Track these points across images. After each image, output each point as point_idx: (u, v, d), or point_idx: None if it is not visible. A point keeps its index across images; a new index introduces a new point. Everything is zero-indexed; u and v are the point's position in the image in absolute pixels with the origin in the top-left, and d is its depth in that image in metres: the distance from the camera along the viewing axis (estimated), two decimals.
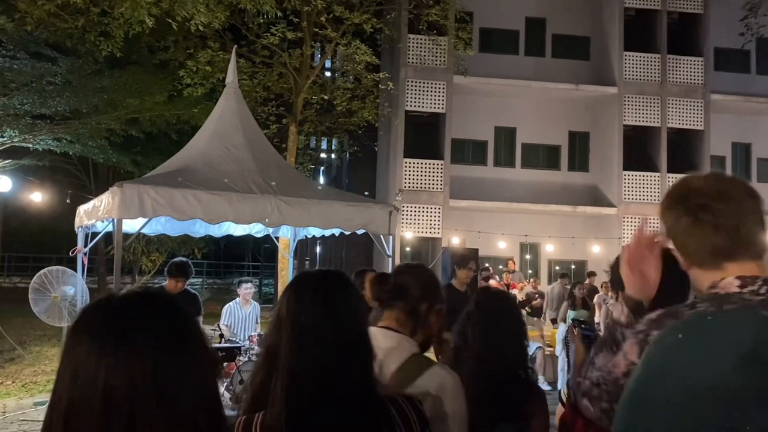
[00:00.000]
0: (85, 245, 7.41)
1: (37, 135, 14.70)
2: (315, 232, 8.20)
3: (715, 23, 18.83)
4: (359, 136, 17.12)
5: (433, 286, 2.09)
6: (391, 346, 1.84)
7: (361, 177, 22.79)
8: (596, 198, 19.12)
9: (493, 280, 11.64)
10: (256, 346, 6.32)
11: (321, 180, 28.08)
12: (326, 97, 15.47)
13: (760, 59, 20.53)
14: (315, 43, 15.35)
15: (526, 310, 11.19)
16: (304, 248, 25.69)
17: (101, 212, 6.29)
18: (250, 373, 1.52)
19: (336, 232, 7.50)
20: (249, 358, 6.32)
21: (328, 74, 18.96)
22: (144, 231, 7.25)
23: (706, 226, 1.27)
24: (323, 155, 27.14)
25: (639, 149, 18.91)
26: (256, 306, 7.52)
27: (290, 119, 14.16)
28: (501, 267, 16.20)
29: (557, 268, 18.89)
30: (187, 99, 14.47)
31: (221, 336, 6.79)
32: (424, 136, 18.15)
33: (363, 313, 1.50)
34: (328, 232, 7.80)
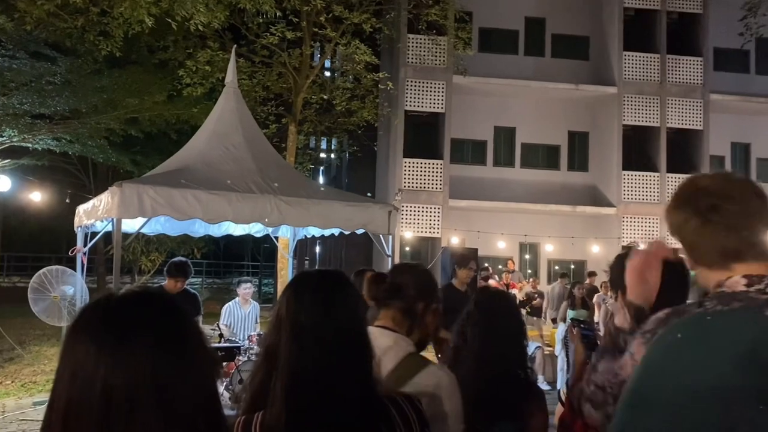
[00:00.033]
0: (85, 245, 7.42)
1: (37, 134, 14.70)
2: (314, 231, 8.20)
3: (715, 23, 18.83)
4: (359, 135, 17.12)
5: (430, 286, 2.09)
6: (387, 345, 1.84)
7: (360, 177, 22.78)
8: (595, 198, 19.12)
9: (493, 279, 11.65)
10: (256, 346, 6.32)
11: (320, 180, 28.07)
12: (326, 97, 15.46)
13: (760, 59, 20.53)
14: (314, 42, 15.34)
15: (525, 310, 11.20)
16: (303, 248, 25.68)
17: (100, 212, 6.28)
18: (250, 373, 1.52)
19: (335, 231, 7.50)
20: (248, 357, 6.33)
21: (327, 74, 18.94)
22: (143, 231, 7.25)
23: (716, 228, 1.26)
24: (323, 155, 27.13)
25: (638, 149, 18.90)
26: (255, 306, 7.52)
27: (290, 119, 14.15)
28: (500, 267, 16.20)
29: (556, 267, 18.89)
30: (186, 99, 14.47)
31: (221, 336, 6.79)
32: (424, 136, 18.14)
33: (362, 313, 1.50)
34: (327, 232, 7.80)
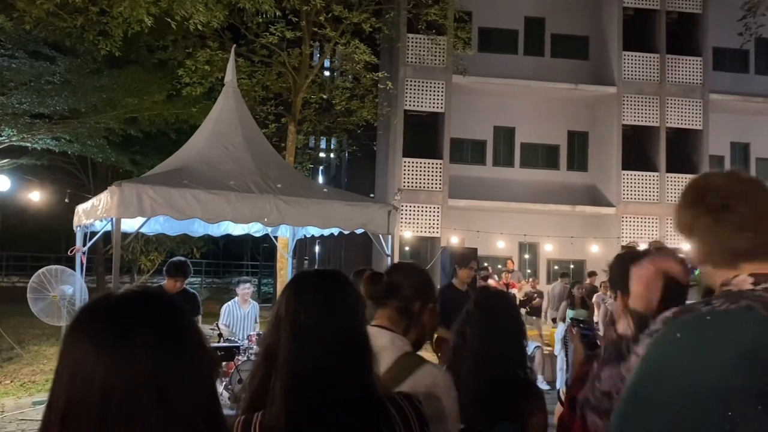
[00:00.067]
0: (84, 244, 7.41)
1: (36, 134, 14.69)
2: (314, 231, 8.19)
3: (714, 23, 18.83)
4: (358, 135, 17.12)
5: (427, 285, 2.09)
6: (383, 344, 1.83)
7: (360, 176, 22.77)
8: (595, 197, 19.12)
9: (492, 279, 11.64)
10: (255, 346, 6.33)
11: (320, 179, 28.07)
12: (325, 97, 15.46)
13: (759, 59, 20.54)
14: (314, 42, 15.34)
15: (525, 310, 11.20)
16: (303, 248, 25.68)
17: (100, 211, 6.28)
18: (249, 373, 1.52)
19: (335, 231, 7.50)
20: (248, 357, 6.33)
21: (327, 73, 18.95)
22: (143, 230, 7.25)
23: (727, 227, 1.25)
24: (322, 155, 27.14)
25: (638, 149, 18.90)
26: (254, 305, 7.51)
27: (289, 118, 14.15)
28: (500, 266, 16.20)
29: (556, 267, 18.89)
30: (185, 98, 14.46)
31: (220, 335, 6.79)
32: (423, 136, 18.13)
33: (362, 313, 1.49)
34: (327, 232, 7.80)
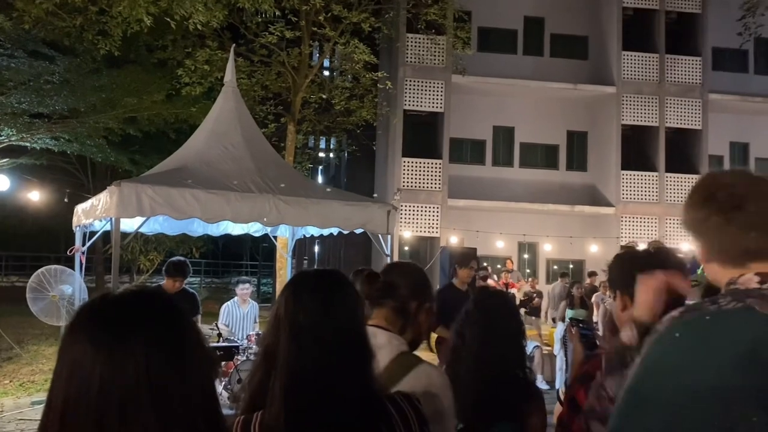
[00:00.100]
0: (83, 244, 7.42)
1: (35, 134, 14.69)
2: (313, 231, 8.19)
3: (714, 23, 18.84)
4: (357, 135, 17.11)
5: (423, 285, 2.09)
6: (380, 344, 1.83)
7: (359, 176, 22.76)
8: (594, 197, 19.13)
9: (491, 279, 11.65)
10: (254, 346, 6.32)
11: (319, 179, 28.06)
12: (324, 96, 15.46)
13: (758, 59, 20.55)
14: (313, 42, 15.33)
15: (524, 310, 11.20)
16: (302, 247, 25.66)
17: (99, 211, 6.28)
18: (249, 373, 1.51)
19: (334, 231, 7.50)
20: (247, 357, 6.33)
21: (326, 73, 18.94)
22: (142, 230, 7.24)
23: (738, 227, 1.24)
24: (321, 154, 27.13)
25: (637, 149, 18.91)
26: (254, 305, 7.51)
27: (288, 118, 14.15)
28: (499, 266, 16.20)
29: (555, 267, 18.90)
30: (185, 98, 14.46)
31: (219, 335, 6.79)
32: (423, 136, 18.13)
33: (361, 313, 1.49)
34: (326, 232, 7.80)
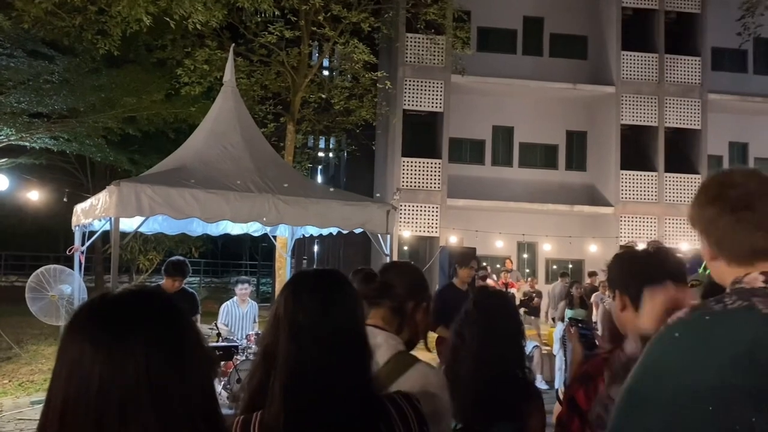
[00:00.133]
0: (83, 244, 7.41)
1: (34, 133, 14.68)
2: (312, 231, 8.19)
3: (713, 23, 18.85)
4: (357, 135, 17.10)
5: (420, 285, 2.09)
6: (377, 343, 1.83)
7: (358, 176, 22.75)
8: (593, 197, 19.13)
9: (490, 279, 11.65)
10: (254, 345, 6.32)
11: (319, 179, 28.05)
12: (324, 96, 15.45)
13: (758, 59, 20.56)
14: (313, 41, 15.33)
15: (524, 310, 11.20)
16: (301, 247, 25.66)
17: (98, 211, 6.28)
18: (248, 373, 1.51)
19: (334, 231, 7.50)
20: (246, 357, 6.33)
21: (325, 73, 18.94)
22: (141, 230, 7.24)
23: (748, 226, 1.24)
24: (321, 154, 27.11)
25: (636, 149, 18.91)
26: (253, 305, 7.50)
27: (288, 118, 14.14)
28: (499, 266, 16.20)
29: (554, 267, 18.91)
30: (184, 97, 14.45)
31: (219, 335, 6.78)
32: (422, 135, 18.13)
33: (361, 312, 1.49)
34: (325, 231, 7.80)
